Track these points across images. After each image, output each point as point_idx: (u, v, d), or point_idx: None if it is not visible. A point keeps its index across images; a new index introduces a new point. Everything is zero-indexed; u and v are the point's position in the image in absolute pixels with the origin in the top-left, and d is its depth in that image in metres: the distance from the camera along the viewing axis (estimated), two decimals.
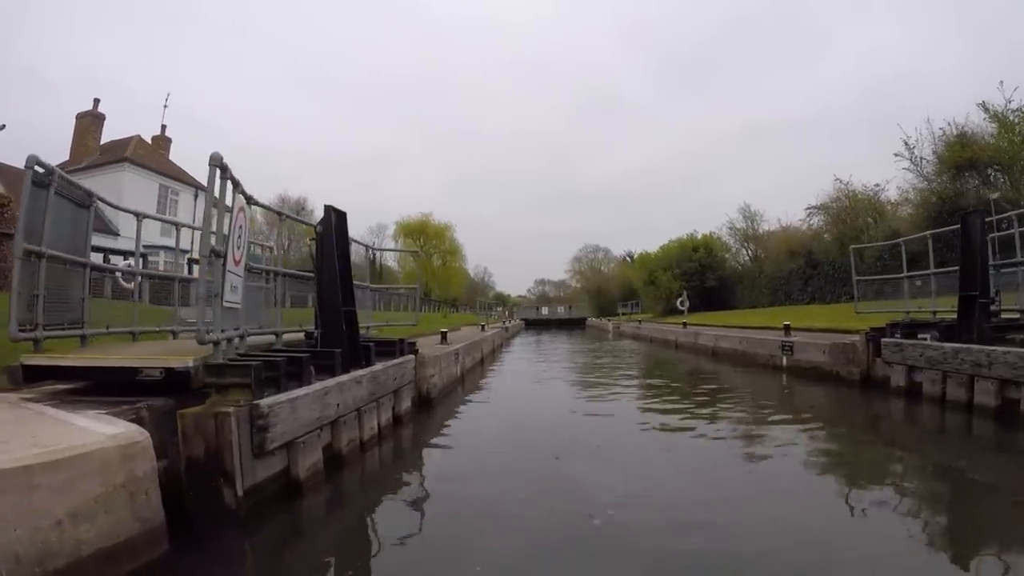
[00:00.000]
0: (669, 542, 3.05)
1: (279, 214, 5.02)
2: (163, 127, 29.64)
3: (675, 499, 3.77)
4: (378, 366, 5.38)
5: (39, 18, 69.96)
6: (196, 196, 26.15)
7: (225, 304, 3.75)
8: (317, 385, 4.15)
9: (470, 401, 8.22)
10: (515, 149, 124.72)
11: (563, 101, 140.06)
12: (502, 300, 71.57)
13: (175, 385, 3.68)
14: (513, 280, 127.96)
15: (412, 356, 6.68)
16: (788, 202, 64.93)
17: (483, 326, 21.04)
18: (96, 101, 26.71)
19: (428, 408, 7.02)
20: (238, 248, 4.10)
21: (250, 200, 4.64)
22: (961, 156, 19.13)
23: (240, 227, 4.12)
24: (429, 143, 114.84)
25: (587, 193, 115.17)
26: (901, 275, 9.54)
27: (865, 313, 10.09)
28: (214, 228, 3.64)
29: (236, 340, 4.03)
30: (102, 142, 26.59)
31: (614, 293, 53.25)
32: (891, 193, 23.77)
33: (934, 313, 8.54)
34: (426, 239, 48.61)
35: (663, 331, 21.94)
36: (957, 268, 7.67)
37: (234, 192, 4.10)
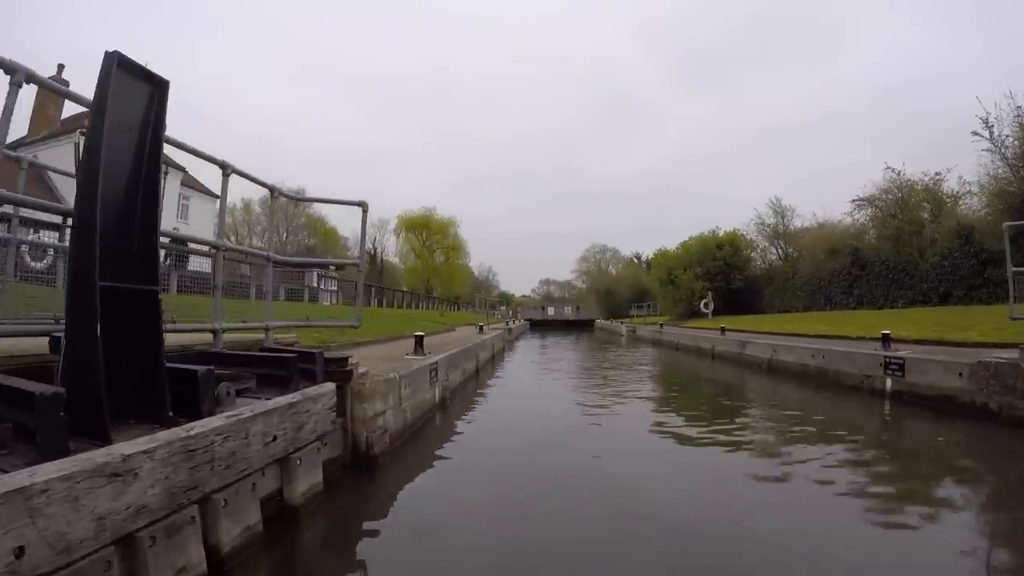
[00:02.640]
0: None
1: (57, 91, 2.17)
2: None
3: None
4: (215, 421, 2.44)
5: (43, 3, 67.59)
6: (166, 173, 23.43)
7: None
8: None
9: (448, 450, 5.13)
10: (522, 149, 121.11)
11: (571, 100, 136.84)
12: (506, 299, 68.58)
13: None
14: (518, 280, 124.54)
15: (332, 385, 3.63)
16: (800, 203, 61.42)
17: (481, 327, 18.04)
18: (60, 67, 23.87)
19: (368, 474, 3.99)
20: None
21: None
22: None
23: None
24: (434, 142, 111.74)
25: (594, 193, 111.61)
26: None
27: (1020, 319, 7.07)
28: None
29: None
30: (67, 115, 23.84)
31: (623, 294, 50.82)
32: (951, 183, 20.50)
33: None
34: (429, 234, 45.68)
35: (693, 337, 18.73)
36: None
37: None
